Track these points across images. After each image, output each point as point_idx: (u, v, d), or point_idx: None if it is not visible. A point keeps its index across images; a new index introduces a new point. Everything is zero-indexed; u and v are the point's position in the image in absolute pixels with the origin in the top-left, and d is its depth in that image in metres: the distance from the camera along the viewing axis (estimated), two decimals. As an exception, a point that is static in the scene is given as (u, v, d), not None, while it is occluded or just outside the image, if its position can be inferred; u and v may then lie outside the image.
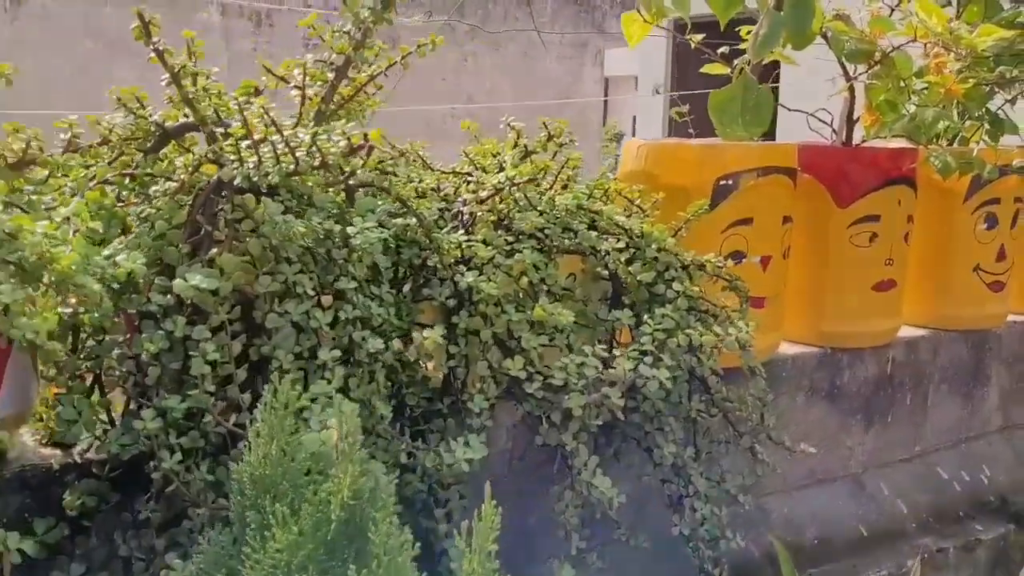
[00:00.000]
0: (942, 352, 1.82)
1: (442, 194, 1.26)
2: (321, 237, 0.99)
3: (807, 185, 1.60)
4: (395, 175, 1.27)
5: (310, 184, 1.02)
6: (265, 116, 0.95)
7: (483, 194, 1.20)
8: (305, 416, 0.91)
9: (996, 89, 1.73)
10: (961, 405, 1.87)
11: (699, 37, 1.66)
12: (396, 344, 0.99)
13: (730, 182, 1.42)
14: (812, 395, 1.63)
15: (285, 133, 0.94)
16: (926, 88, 1.51)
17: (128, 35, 1.05)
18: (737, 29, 1.60)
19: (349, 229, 1.01)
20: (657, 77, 6.21)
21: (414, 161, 1.34)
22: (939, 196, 1.74)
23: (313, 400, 0.94)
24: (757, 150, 1.45)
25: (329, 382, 0.95)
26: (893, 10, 1.75)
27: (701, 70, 1.74)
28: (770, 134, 1.68)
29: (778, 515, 1.58)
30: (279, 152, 0.94)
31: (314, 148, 0.94)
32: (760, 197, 1.45)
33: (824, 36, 1.50)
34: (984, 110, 1.82)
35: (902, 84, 1.54)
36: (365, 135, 1.00)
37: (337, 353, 0.97)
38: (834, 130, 1.71)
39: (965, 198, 1.77)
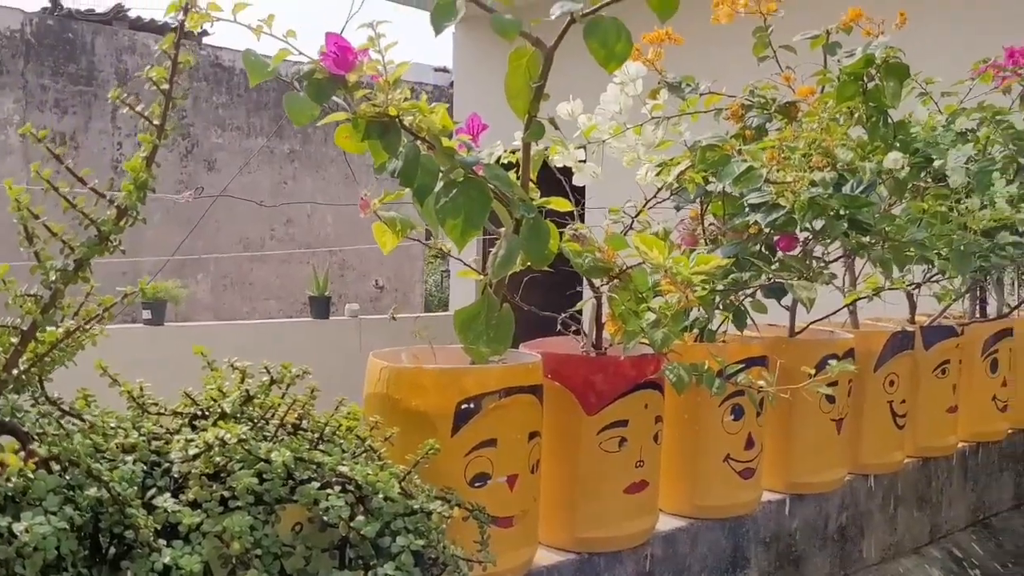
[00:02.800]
0: (700, 542, 1.86)
1: (154, 446, 1.18)
2: (-21, 539, 0.89)
3: (556, 393, 1.62)
4: (101, 426, 1.19)
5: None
6: None
7: (193, 451, 1.13)
8: None
9: (733, 292, 1.85)
10: (722, 591, 1.91)
11: (450, 245, 1.69)
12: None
13: (472, 405, 1.42)
14: (571, 604, 1.62)
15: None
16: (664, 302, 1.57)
17: None
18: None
19: (16, 526, 0.92)
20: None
21: (131, 404, 1.26)
22: (688, 393, 1.81)
23: None
24: (498, 372, 1.45)
25: None
26: (634, 219, 1.85)
27: (457, 274, 1.76)
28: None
29: None
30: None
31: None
32: (504, 418, 1.45)
33: (562, 254, 1.55)
34: (728, 303, 1.93)
35: (641, 295, 1.60)
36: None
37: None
38: (584, 334, 1.75)
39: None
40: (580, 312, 1.83)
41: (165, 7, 1.48)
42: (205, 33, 14.20)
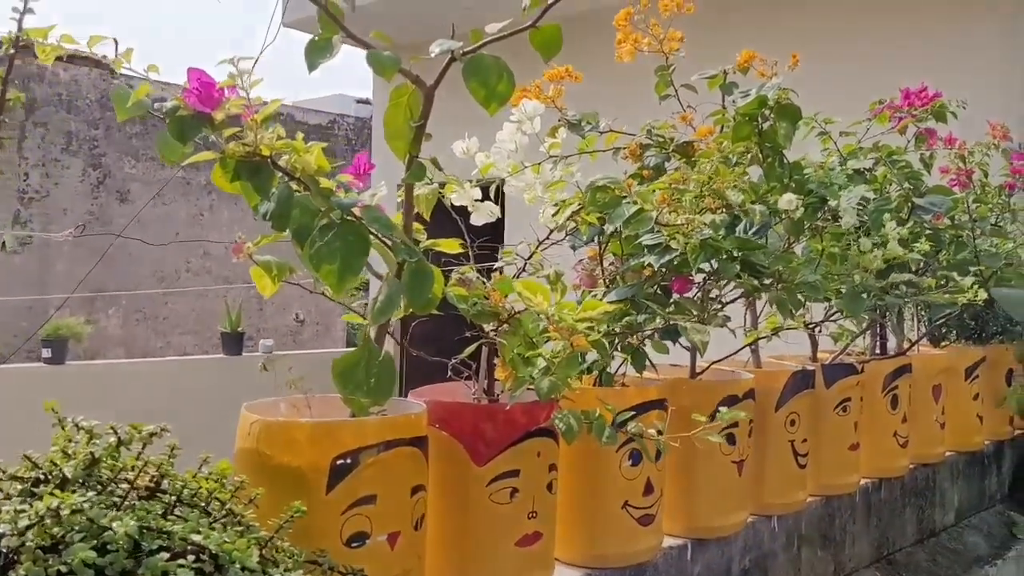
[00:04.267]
0: (598, 592, 1.81)
1: (-15, 516, 1.08)
2: None
3: (444, 443, 1.56)
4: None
5: None
6: None
7: (24, 523, 1.03)
8: None
9: (630, 332, 1.81)
10: (622, 642, 1.86)
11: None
12: None
13: (348, 461, 1.34)
14: (460, 665, 1.54)
15: None
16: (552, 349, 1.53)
17: None
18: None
19: None
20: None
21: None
22: (583, 438, 1.76)
23: None
24: (376, 424, 1.38)
25: None
26: (526, 261, 1.80)
27: (343, 317, 1.69)
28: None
29: None
30: None
31: None
32: (384, 473, 1.38)
33: (446, 299, 1.49)
34: (626, 344, 1.90)
35: (532, 341, 1.55)
36: None
37: None
38: (477, 380, 1.69)
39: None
40: (473, 357, 1.78)
41: (73, 36, 1.40)
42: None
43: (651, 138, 2.06)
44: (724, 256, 1.68)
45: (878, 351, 2.86)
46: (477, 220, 1.97)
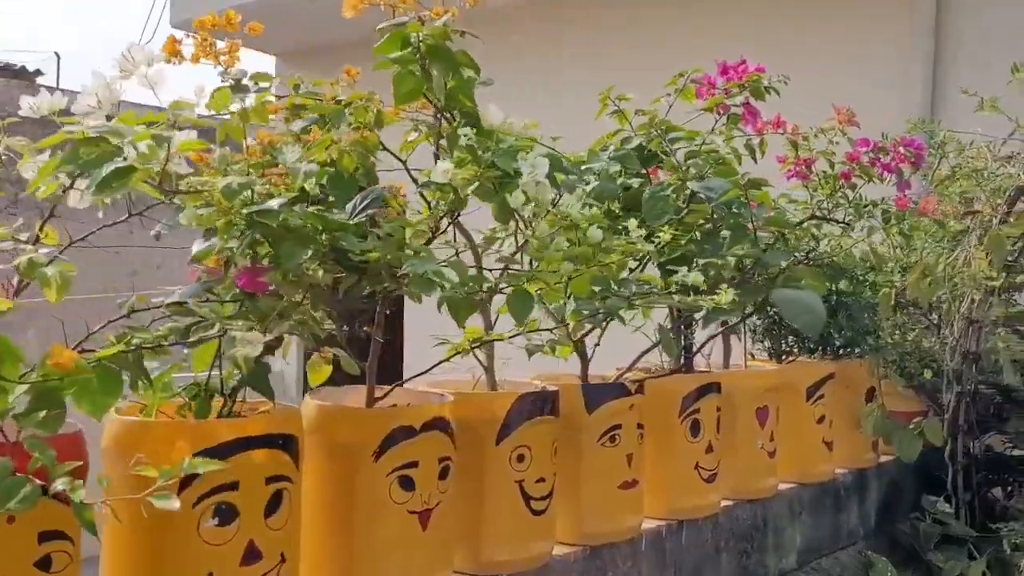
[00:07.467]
0: None
1: None
2: None
3: None
4: None
5: None
6: None
7: None
8: None
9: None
10: None
11: None
12: None
13: None
14: None
15: None
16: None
17: None
18: None
19: None
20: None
21: None
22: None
23: None
24: None
25: None
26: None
27: None
28: None
29: None
30: None
31: None
32: None
33: None
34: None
35: None
36: None
37: None
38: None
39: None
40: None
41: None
42: (39, 72, 13.39)
43: (303, 95, 1.61)
44: (315, 242, 1.22)
45: (682, 367, 2.41)
46: (74, 203, 1.53)
